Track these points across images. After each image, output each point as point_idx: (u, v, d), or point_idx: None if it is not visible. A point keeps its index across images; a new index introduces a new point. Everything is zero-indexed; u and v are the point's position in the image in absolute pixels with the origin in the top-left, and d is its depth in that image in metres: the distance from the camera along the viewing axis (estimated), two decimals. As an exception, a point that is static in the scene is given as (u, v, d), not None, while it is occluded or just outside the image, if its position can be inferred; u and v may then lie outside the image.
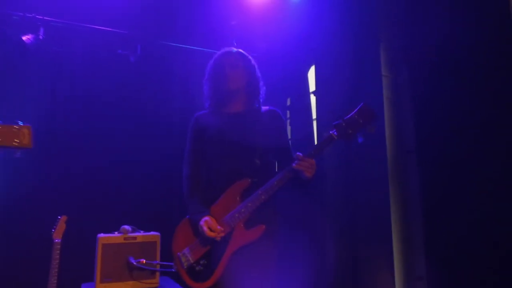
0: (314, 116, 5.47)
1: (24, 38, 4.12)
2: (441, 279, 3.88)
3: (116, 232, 3.97)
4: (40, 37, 4.24)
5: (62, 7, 4.40)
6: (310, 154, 2.57)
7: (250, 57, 2.98)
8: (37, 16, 4.32)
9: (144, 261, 3.78)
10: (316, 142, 4.99)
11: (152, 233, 4.07)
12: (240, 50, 2.98)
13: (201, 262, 2.59)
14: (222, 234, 2.53)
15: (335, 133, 2.57)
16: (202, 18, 4.94)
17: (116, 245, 3.85)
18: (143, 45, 4.86)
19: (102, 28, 4.63)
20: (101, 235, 3.94)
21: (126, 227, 3.97)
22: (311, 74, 5.52)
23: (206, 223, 2.54)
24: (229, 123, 2.82)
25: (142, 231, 4.06)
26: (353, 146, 2.98)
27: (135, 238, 3.95)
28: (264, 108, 2.94)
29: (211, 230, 2.52)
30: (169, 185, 5.30)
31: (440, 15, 4.10)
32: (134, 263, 3.75)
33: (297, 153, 2.56)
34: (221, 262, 2.55)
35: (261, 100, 2.96)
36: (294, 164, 2.52)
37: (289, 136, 5.68)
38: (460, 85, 3.83)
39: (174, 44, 5.13)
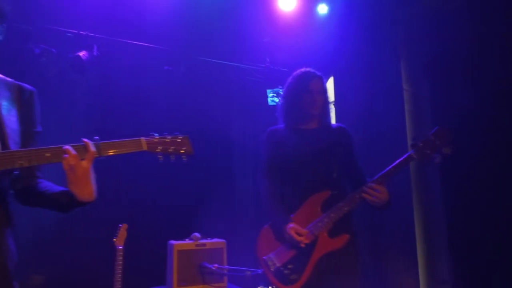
0: None
1: (80, 54, 4.25)
2: (465, 283, 3.83)
3: (187, 239, 4.13)
4: (95, 53, 4.34)
5: (113, 25, 4.56)
6: (380, 178, 2.67)
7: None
8: (90, 34, 4.46)
9: (216, 266, 3.89)
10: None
11: (218, 240, 4.22)
12: (319, 74, 3.02)
13: (289, 266, 2.64)
14: (307, 241, 2.59)
15: (413, 153, 2.65)
16: (238, 36, 5.06)
17: (189, 251, 4.01)
18: (186, 62, 4.98)
19: (149, 45, 4.75)
20: (174, 242, 4.10)
21: (197, 234, 4.13)
22: (329, 85, 5.59)
23: (293, 229, 2.59)
24: (306, 139, 2.89)
25: (209, 238, 4.21)
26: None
27: (205, 244, 4.10)
28: (333, 124, 3.04)
29: (298, 234, 2.58)
30: (221, 193, 5.43)
31: (459, 30, 4.11)
32: (212, 267, 3.86)
33: (369, 183, 2.65)
34: (307, 266, 2.62)
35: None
36: (363, 193, 2.64)
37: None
38: (479, 96, 3.88)
39: (213, 60, 5.27)
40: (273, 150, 2.93)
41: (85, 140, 1.73)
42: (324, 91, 2.98)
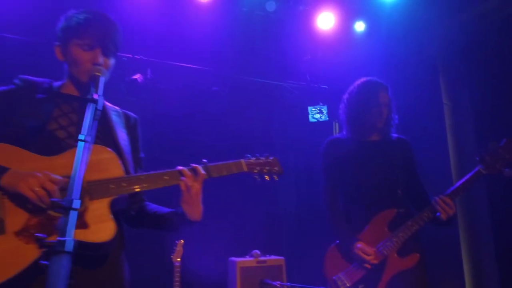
0: None
1: (136, 77, 4.38)
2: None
3: (247, 256, 4.18)
4: (148, 76, 4.46)
5: (164, 48, 4.70)
6: (452, 194, 2.58)
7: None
8: (143, 58, 4.61)
9: (279, 283, 3.81)
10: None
11: (277, 257, 4.24)
12: (386, 84, 2.91)
13: (360, 286, 2.59)
14: (376, 261, 2.54)
15: (482, 167, 2.54)
16: (279, 55, 5.12)
17: (250, 268, 4.06)
18: (231, 82, 5.08)
19: (197, 67, 4.86)
20: (235, 259, 4.16)
21: (257, 251, 4.16)
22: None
23: (361, 249, 2.54)
24: (369, 152, 2.79)
25: (268, 255, 4.22)
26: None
27: (265, 261, 4.13)
28: (394, 136, 2.90)
29: (367, 254, 2.54)
30: (265, 209, 5.41)
31: (498, 42, 4.02)
32: (276, 284, 3.74)
33: (442, 197, 2.56)
34: (379, 287, 2.55)
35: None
36: (438, 206, 2.55)
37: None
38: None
39: (256, 79, 5.35)
40: (334, 163, 2.83)
41: (194, 165, 1.87)
42: (390, 102, 2.86)
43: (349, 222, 2.71)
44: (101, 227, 1.65)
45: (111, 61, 1.91)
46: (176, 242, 3.81)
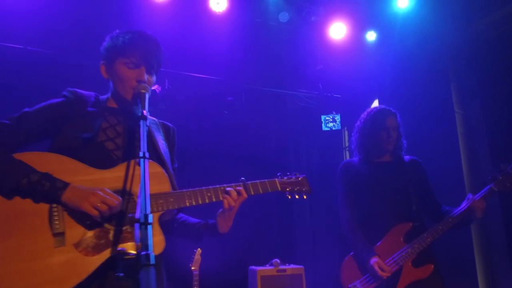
0: None
1: (154, 88, 4.37)
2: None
3: (267, 265, 4.16)
4: (166, 87, 4.46)
5: (180, 60, 4.68)
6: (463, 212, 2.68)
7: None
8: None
9: None
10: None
11: (297, 266, 4.21)
12: (394, 111, 3.03)
13: None
14: (389, 274, 2.60)
15: (494, 186, 2.66)
16: (292, 65, 5.08)
17: (270, 277, 4.02)
18: (246, 92, 5.06)
19: (211, 77, 4.86)
20: (255, 267, 4.14)
21: (277, 260, 4.13)
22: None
23: (377, 263, 2.60)
24: (383, 172, 2.91)
25: (287, 264, 4.21)
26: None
27: (285, 270, 4.09)
28: (406, 157, 3.05)
29: (381, 269, 2.60)
30: (280, 218, 5.39)
31: (507, 53, 3.94)
32: None
33: (469, 194, 2.70)
34: None
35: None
36: (468, 205, 2.64)
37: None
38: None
39: (270, 89, 5.33)
40: (350, 183, 2.95)
41: (239, 188, 1.94)
42: (398, 127, 2.99)
43: (366, 235, 2.79)
44: (153, 241, 1.67)
45: (154, 78, 1.96)
46: (194, 251, 3.82)
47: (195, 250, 3.80)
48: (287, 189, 2.11)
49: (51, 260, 1.56)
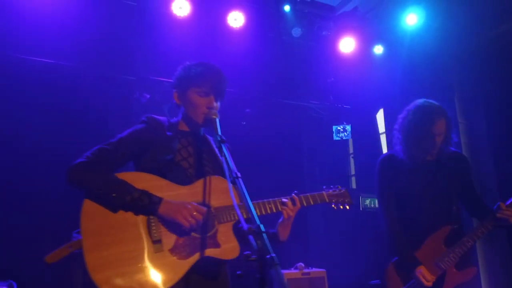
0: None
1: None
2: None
3: (292, 268, 4.16)
4: None
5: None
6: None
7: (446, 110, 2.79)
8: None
9: None
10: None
11: (320, 269, 4.20)
12: (441, 107, 2.77)
13: None
14: (431, 284, 2.56)
15: None
16: (305, 77, 5.12)
17: (296, 280, 4.02)
18: (263, 103, 5.13)
19: (230, 90, 4.86)
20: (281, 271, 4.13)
21: (302, 264, 4.14)
22: (379, 116, 5.62)
23: (421, 274, 2.55)
24: (424, 171, 2.73)
25: (310, 268, 4.20)
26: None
27: (309, 273, 4.08)
28: (451, 149, 2.81)
29: (426, 279, 2.55)
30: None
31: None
32: None
33: (499, 203, 2.58)
34: None
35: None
36: (497, 214, 2.55)
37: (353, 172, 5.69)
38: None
39: (285, 101, 5.36)
40: (390, 179, 2.78)
41: (296, 196, 2.10)
42: (447, 127, 2.70)
43: (408, 237, 2.69)
44: (230, 247, 1.91)
45: (219, 104, 2.11)
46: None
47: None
48: (333, 201, 2.24)
49: (153, 263, 1.77)
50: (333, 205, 2.24)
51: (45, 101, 4.09)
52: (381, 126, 5.62)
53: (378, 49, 5.03)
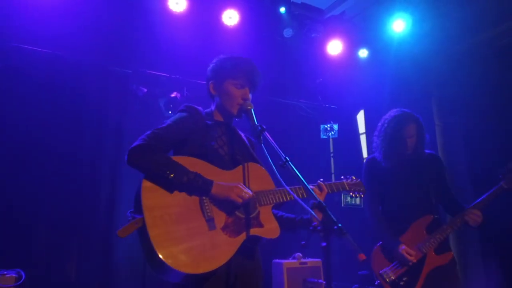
0: (365, 154, 5.42)
1: (175, 95, 4.26)
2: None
3: (290, 258, 4.16)
4: (184, 94, 4.36)
5: (197, 69, 4.53)
6: (478, 205, 2.72)
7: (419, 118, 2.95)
8: (179, 77, 4.51)
9: (320, 282, 3.92)
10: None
11: (316, 259, 4.21)
12: (412, 113, 2.93)
13: (404, 279, 2.72)
14: (415, 260, 2.70)
15: (504, 183, 2.69)
16: (295, 77, 5.02)
17: (294, 269, 4.03)
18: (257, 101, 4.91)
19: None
20: (280, 260, 4.14)
21: (299, 254, 4.14)
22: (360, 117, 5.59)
23: (404, 250, 2.71)
24: (403, 168, 2.87)
25: (307, 258, 4.21)
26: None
27: (306, 263, 4.10)
28: (426, 152, 2.97)
29: (409, 255, 2.71)
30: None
31: (483, 74, 4.03)
32: (321, 282, 3.88)
33: (470, 208, 2.71)
34: (420, 279, 2.71)
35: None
36: (466, 217, 2.70)
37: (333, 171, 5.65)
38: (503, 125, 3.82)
39: (275, 99, 5.30)
40: (375, 178, 2.95)
41: (321, 182, 2.16)
42: (417, 133, 2.87)
43: (391, 226, 2.84)
44: (272, 227, 1.98)
45: (251, 96, 2.12)
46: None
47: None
48: (352, 189, 2.30)
49: (211, 240, 1.82)
50: (351, 193, 2.30)
51: (39, 90, 3.92)
52: (361, 127, 5.59)
53: (363, 53, 4.99)
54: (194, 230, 1.80)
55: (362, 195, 2.32)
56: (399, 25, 4.51)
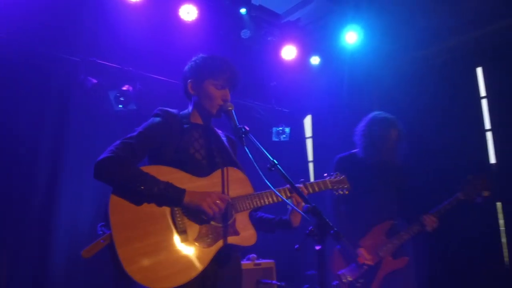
0: (310, 158, 5.39)
1: (127, 88, 3.83)
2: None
3: (245, 259, 3.97)
4: (137, 88, 3.95)
5: (150, 62, 4.21)
6: (436, 213, 2.76)
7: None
8: (131, 69, 4.04)
9: (274, 283, 3.79)
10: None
11: (269, 260, 4.06)
12: (397, 119, 2.96)
13: (360, 281, 2.72)
14: (372, 263, 2.72)
15: (461, 194, 2.74)
16: (250, 79, 4.80)
17: (248, 270, 3.86)
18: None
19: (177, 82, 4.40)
20: None
21: (254, 255, 3.98)
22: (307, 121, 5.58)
23: (362, 255, 2.71)
24: (378, 171, 2.87)
25: (261, 259, 4.05)
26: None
27: (260, 264, 3.96)
28: (398, 160, 3.00)
29: (366, 259, 2.73)
30: None
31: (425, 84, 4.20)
32: (276, 283, 3.77)
33: (429, 215, 2.75)
34: (375, 281, 2.73)
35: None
36: (425, 222, 2.74)
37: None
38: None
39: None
40: (348, 175, 2.85)
41: (301, 186, 2.01)
42: (400, 138, 2.93)
43: (354, 226, 2.80)
44: (248, 234, 1.87)
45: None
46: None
47: None
48: (335, 187, 2.18)
49: (182, 253, 1.70)
50: (335, 191, 2.19)
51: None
52: (308, 131, 5.57)
53: (315, 60, 4.95)
54: (165, 243, 1.69)
55: (347, 192, 2.19)
56: (351, 37, 4.52)
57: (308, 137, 5.51)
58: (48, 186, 3.63)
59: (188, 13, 3.90)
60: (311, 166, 5.32)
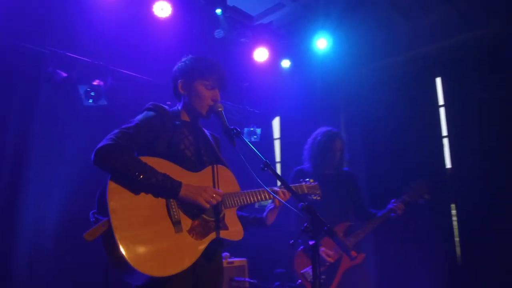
0: (278, 159, 5.45)
1: (98, 83, 3.65)
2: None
3: None
4: (109, 83, 3.75)
5: (123, 58, 4.04)
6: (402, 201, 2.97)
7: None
8: (103, 64, 3.83)
9: (247, 280, 3.80)
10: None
11: (242, 258, 4.04)
12: (339, 132, 3.21)
13: (322, 277, 2.80)
14: (333, 260, 2.87)
15: (407, 196, 2.96)
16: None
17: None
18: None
19: (149, 78, 4.28)
20: None
21: (227, 253, 3.95)
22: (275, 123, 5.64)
23: (324, 252, 2.86)
24: (328, 182, 2.99)
25: (233, 257, 4.02)
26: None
27: (233, 262, 3.92)
28: (344, 169, 3.26)
29: (328, 256, 2.87)
30: None
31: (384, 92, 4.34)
32: (250, 280, 3.78)
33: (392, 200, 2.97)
34: (336, 278, 2.89)
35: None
36: (394, 210, 2.92)
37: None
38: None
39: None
40: None
41: (282, 190, 2.03)
42: (344, 148, 3.16)
43: (321, 227, 2.84)
44: (237, 229, 1.91)
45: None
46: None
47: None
48: (310, 192, 2.27)
49: (177, 242, 1.72)
50: (310, 196, 2.28)
51: None
52: (276, 132, 5.62)
53: (286, 63, 4.98)
54: (160, 232, 1.70)
55: (319, 198, 2.29)
56: (321, 43, 4.60)
57: (276, 138, 5.53)
58: (12, 182, 3.40)
59: (162, 9, 3.79)
60: (278, 167, 5.35)
